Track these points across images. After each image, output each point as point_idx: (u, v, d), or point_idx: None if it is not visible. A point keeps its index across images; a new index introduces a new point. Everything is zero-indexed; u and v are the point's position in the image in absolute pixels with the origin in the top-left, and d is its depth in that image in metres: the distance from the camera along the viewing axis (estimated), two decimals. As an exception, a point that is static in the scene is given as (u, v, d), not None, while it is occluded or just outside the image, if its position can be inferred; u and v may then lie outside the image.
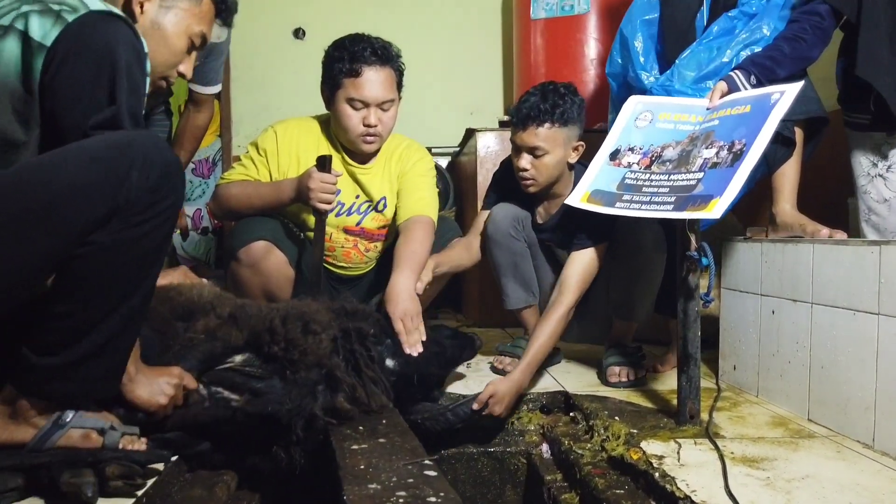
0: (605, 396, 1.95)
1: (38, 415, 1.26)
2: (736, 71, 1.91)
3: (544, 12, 3.64)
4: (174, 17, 1.46)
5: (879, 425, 1.50)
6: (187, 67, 1.52)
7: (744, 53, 2.02)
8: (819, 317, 1.69)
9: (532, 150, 2.07)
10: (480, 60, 4.50)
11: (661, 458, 1.46)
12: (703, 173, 1.65)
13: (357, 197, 2.32)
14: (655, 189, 1.70)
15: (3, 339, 1.24)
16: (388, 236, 2.39)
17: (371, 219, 2.34)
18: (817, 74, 2.12)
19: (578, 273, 2.01)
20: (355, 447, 1.39)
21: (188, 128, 2.73)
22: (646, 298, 2.13)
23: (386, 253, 2.42)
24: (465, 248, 2.30)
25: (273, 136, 2.28)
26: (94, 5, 1.25)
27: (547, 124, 2.05)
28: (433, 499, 1.12)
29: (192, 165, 4.00)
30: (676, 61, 2.13)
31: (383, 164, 2.32)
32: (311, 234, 2.21)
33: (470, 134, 3.47)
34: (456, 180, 3.90)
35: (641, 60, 2.25)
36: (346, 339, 1.64)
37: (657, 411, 1.82)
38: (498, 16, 4.54)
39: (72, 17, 1.21)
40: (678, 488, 1.30)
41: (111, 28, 1.23)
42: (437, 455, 1.83)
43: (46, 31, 1.19)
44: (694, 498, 1.25)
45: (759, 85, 1.86)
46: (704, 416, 1.71)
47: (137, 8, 1.43)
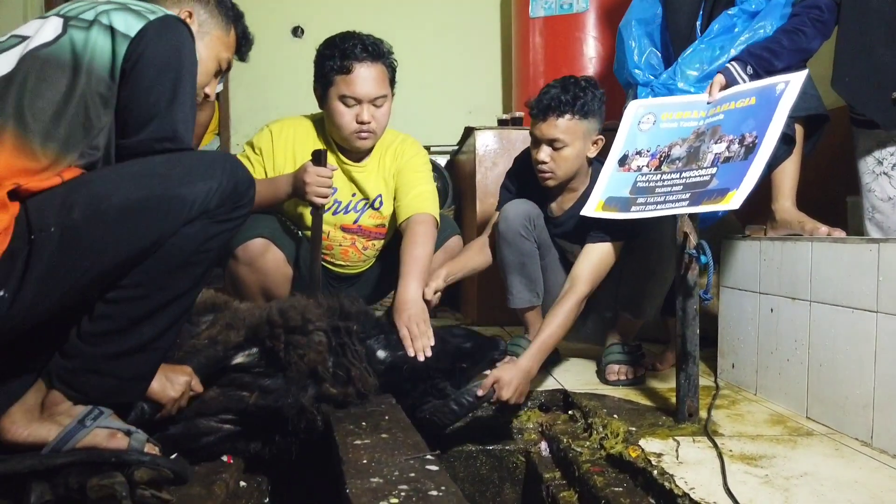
0: (604, 394, 1.95)
1: (64, 412, 1.25)
2: (733, 63, 1.91)
3: (543, 10, 3.65)
4: (208, 43, 1.60)
5: (878, 423, 1.50)
6: (212, 89, 1.65)
7: (747, 52, 2.02)
8: (818, 315, 1.69)
9: (551, 142, 2.06)
10: (479, 59, 4.50)
11: (659, 455, 1.46)
12: (716, 168, 1.65)
13: (353, 195, 2.32)
14: (669, 188, 1.71)
15: (45, 330, 1.24)
16: (387, 234, 2.39)
17: (368, 216, 2.34)
18: (818, 72, 2.13)
19: (593, 264, 2.00)
20: (358, 442, 1.40)
21: None
22: (656, 296, 2.13)
23: (384, 250, 2.42)
24: (478, 251, 2.30)
25: (268, 135, 2.28)
26: (170, 12, 1.39)
27: (567, 115, 2.03)
28: (434, 492, 1.13)
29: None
30: (678, 60, 2.14)
31: (378, 160, 2.32)
32: (309, 232, 2.21)
33: (469, 132, 3.47)
34: (455, 179, 3.90)
35: (636, 59, 2.29)
36: (335, 334, 1.70)
37: (656, 409, 1.82)
38: (497, 14, 4.54)
39: (152, 17, 1.32)
40: (677, 486, 1.30)
41: (185, 34, 1.35)
42: (438, 451, 1.83)
43: (130, 24, 1.30)
44: (692, 496, 1.26)
45: (756, 76, 1.86)
46: (703, 413, 1.71)
47: None
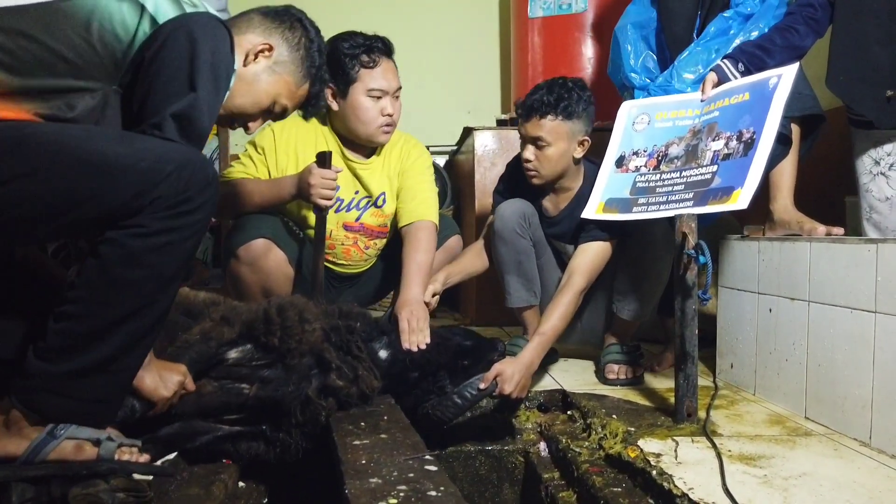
0: (603, 395, 1.95)
1: (31, 426, 1.22)
2: (724, 60, 1.93)
3: (542, 11, 3.65)
4: (275, 81, 1.57)
5: (876, 423, 1.50)
6: (254, 126, 1.62)
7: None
8: (816, 315, 1.69)
9: (535, 141, 2.10)
10: (478, 59, 4.50)
11: (658, 455, 1.46)
12: (716, 166, 1.66)
13: (356, 192, 2.33)
14: (670, 188, 1.71)
15: (16, 343, 1.23)
16: (388, 234, 2.40)
17: (370, 214, 2.35)
18: (815, 73, 2.13)
19: (588, 260, 2.02)
20: (357, 442, 1.40)
21: None
22: (651, 297, 2.14)
23: (385, 250, 2.42)
24: (476, 255, 2.32)
25: (271, 134, 2.29)
26: (211, 9, 1.35)
27: (550, 116, 2.07)
28: (433, 492, 1.13)
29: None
30: (675, 62, 2.15)
31: (383, 158, 2.34)
32: (312, 232, 2.21)
33: (468, 132, 3.47)
34: (454, 179, 3.90)
35: (632, 62, 2.32)
36: (335, 331, 1.69)
37: (655, 409, 1.82)
38: (495, 14, 4.54)
39: (191, 10, 1.28)
40: (675, 486, 1.30)
41: (220, 33, 1.31)
42: (437, 452, 1.83)
43: (163, 9, 1.26)
44: (691, 496, 1.26)
45: (748, 73, 1.87)
46: (702, 414, 1.71)
47: (252, 56, 1.54)
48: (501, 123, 3.54)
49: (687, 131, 1.80)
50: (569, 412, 1.94)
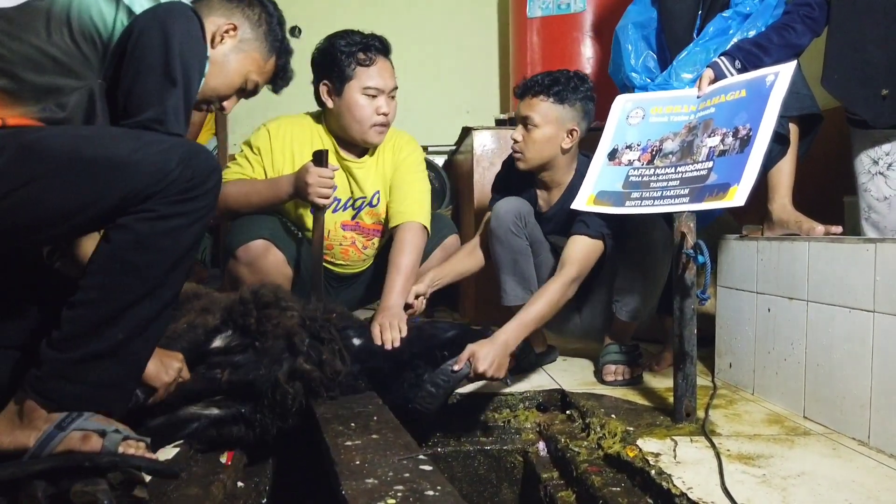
0: (602, 394, 1.95)
1: (42, 417, 1.24)
2: (721, 57, 1.93)
3: (540, 11, 3.64)
4: (243, 59, 1.60)
5: (875, 422, 1.50)
6: (229, 105, 1.65)
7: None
8: (815, 314, 1.69)
9: (525, 121, 2.12)
10: (477, 59, 4.50)
11: (657, 455, 1.46)
12: (712, 162, 1.65)
13: (352, 192, 2.32)
14: (665, 183, 1.70)
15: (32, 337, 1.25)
16: (384, 233, 2.39)
17: (366, 213, 2.35)
18: (812, 72, 2.13)
19: (580, 250, 2.01)
20: (349, 443, 1.39)
21: None
22: (650, 298, 2.13)
23: (383, 251, 2.42)
24: (468, 254, 2.31)
25: (266, 134, 2.28)
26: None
27: (541, 96, 2.10)
28: (431, 492, 1.12)
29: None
30: (674, 62, 2.15)
31: (377, 156, 2.34)
32: (310, 233, 2.21)
33: (466, 132, 3.46)
34: (452, 178, 3.90)
35: (632, 62, 2.32)
36: (312, 320, 1.73)
37: (653, 409, 1.82)
38: (494, 14, 4.54)
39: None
40: (674, 486, 1.30)
41: (192, 20, 1.34)
42: (432, 451, 1.83)
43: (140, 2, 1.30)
44: (690, 495, 1.26)
45: (744, 70, 1.87)
46: (700, 413, 1.71)
47: (218, 38, 1.57)
48: (500, 123, 3.53)
49: (682, 127, 1.79)
50: (568, 412, 1.94)
